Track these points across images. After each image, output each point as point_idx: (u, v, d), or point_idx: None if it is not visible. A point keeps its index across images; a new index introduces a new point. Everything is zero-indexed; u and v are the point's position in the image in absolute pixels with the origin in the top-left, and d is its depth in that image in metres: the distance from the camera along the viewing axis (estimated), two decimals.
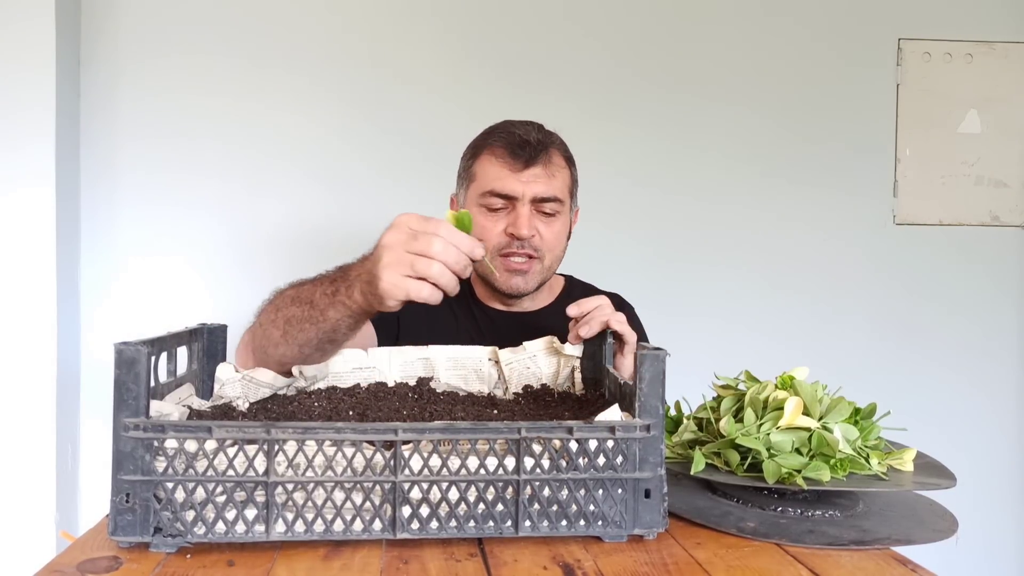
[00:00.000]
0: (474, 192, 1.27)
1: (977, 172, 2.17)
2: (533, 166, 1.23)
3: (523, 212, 1.23)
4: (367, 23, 2.01)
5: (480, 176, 1.27)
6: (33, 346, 1.79)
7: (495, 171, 1.24)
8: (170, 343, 0.83)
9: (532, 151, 1.23)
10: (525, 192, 1.23)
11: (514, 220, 1.23)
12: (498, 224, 1.25)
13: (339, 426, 0.68)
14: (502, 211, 1.25)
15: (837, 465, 0.80)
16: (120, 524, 0.67)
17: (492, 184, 1.24)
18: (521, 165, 1.23)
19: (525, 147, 1.23)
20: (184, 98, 1.96)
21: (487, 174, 1.25)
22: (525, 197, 1.23)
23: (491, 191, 1.24)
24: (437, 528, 0.70)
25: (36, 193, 1.79)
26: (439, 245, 0.78)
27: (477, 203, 1.26)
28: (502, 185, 1.23)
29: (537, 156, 1.23)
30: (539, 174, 1.23)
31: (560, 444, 0.71)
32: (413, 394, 0.95)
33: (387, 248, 0.80)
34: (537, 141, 1.24)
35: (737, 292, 2.12)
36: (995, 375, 2.20)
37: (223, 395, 0.90)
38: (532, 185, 1.23)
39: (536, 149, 1.23)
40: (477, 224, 1.25)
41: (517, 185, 1.23)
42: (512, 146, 1.23)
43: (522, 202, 1.23)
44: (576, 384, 1.02)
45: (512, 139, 1.24)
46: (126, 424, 0.67)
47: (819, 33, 2.13)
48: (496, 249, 1.25)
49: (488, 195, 1.24)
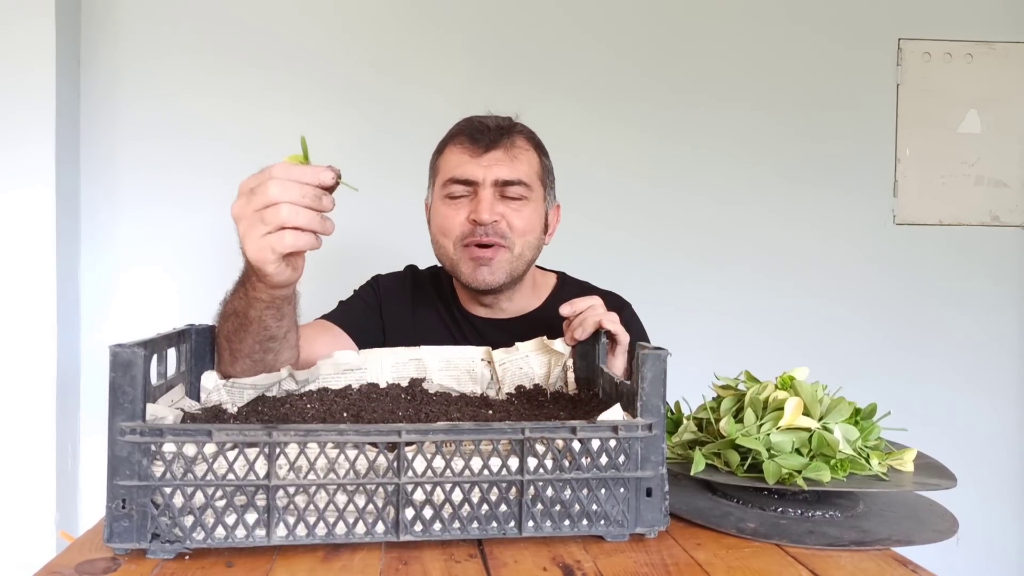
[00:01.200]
0: (438, 185, 1.24)
1: (977, 172, 2.17)
2: (494, 150, 1.19)
3: (484, 196, 1.18)
4: (367, 24, 2.01)
5: (442, 167, 1.24)
6: (33, 346, 1.79)
7: (455, 159, 1.21)
8: (161, 345, 0.82)
9: (492, 135, 1.20)
10: (486, 176, 1.18)
11: (475, 206, 1.19)
12: (460, 212, 1.20)
13: (342, 428, 0.68)
14: (464, 199, 1.21)
15: (837, 465, 0.80)
16: (116, 530, 0.66)
17: (452, 171, 1.20)
18: (481, 149, 1.19)
19: (484, 132, 1.20)
20: (184, 98, 1.96)
21: (448, 163, 1.22)
22: (486, 181, 1.18)
23: (452, 178, 1.20)
24: (440, 530, 0.70)
25: (36, 193, 1.79)
26: (275, 188, 0.76)
27: (441, 196, 1.23)
28: (462, 171, 1.19)
29: (498, 140, 1.20)
30: (500, 157, 1.20)
31: (563, 444, 0.71)
32: (406, 395, 0.94)
33: (236, 219, 0.79)
34: (497, 126, 1.21)
35: (737, 292, 2.12)
36: (995, 375, 2.20)
37: (210, 401, 0.89)
38: (493, 168, 1.19)
39: (496, 133, 1.20)
40: (439, 214, 1.22)
41: (477, 170, 1.19)
42: (472, 132, 1.21)
43: (483, 186, 1.18)
44: (569, 384, 1.02)
45: (471, 126, 1.22)
46: (122, 428, 0.66)
47: (819, 33, 2.13)
48: (460, 238, 1.20)
49: (449, 183, 1.21)
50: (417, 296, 1.35)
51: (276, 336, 0.94)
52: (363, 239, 2.01)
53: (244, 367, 0.95)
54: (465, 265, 1.21)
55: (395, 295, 1.34)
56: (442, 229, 1.22)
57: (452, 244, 1.21)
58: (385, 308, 1.32)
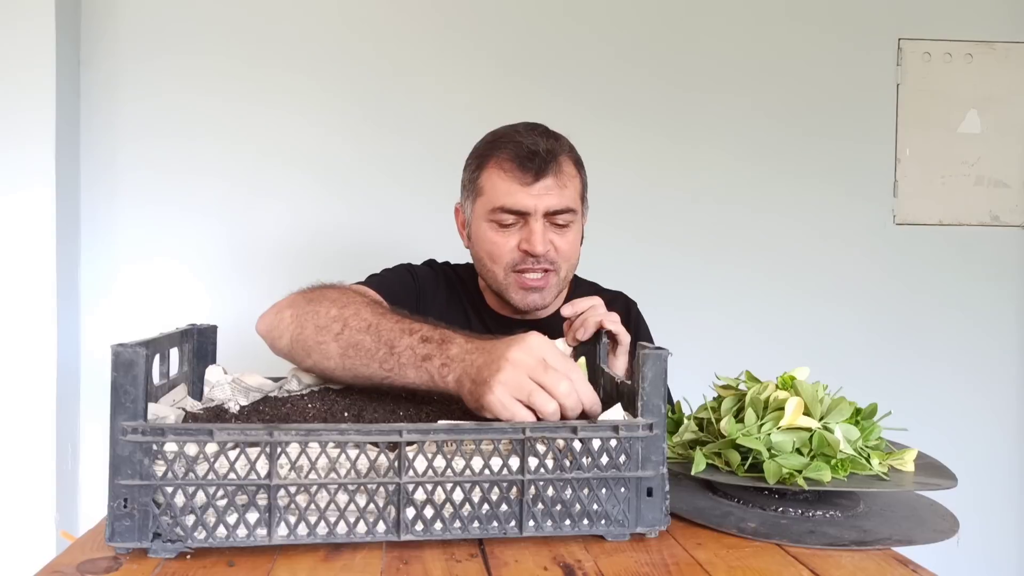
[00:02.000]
0: (482, 207, 1.22)
1: (977, 172, 2.18)
2: (544, 178, 1.17)
3: (536, 228, 1.17)
4: (368, 22, 2.01)
5: (488, 190, 1.21)
6: (33, 346, 1.79)
7: (504, 186, 1.18)
8: (163, 344, 0.82)
9: (541, 162, 1.17)
10: (537, 206, 1.17)
11: (528, 236, 1.18)
12: (510, 240, 1.20)
13: (343, 427, 0.68)
14: (513, 226, 1.20)
15: (838, 465, 0.80)
16: (118, 530, 0.66)
17: (502, 200, 1.18)
18: (531, 178, 1.17)
19: (534, 158, 1.17)
20: (184, 98, 1.96)
21: (496, 189, 1.19)
22: (537, 212, 1.17)
23: (501, 207, 1.18)
24: (441, 529, 0.70)
25: (36, 193, 1.79)
26: (566, 387, 0.75)
27: (486, 219, 1.21)
28: (513, 201, 1.17)
29: (547, 167, 1.17)
30: (550, 186, 1.18)
31: (564, 444, 0.71)
32: (407, 395, 0.94)
33: (512, 364, 0.76)
34: (546, 151, 1.18)
35: (737, 292, 2.12)
36: (995, 375, 2.20)
37: (212, 397, 0.89)
38: (544, 199, 1.17)
39: (545, 160, 1.17)
40: (487, 240, 1.21)
41: (528, 200, 1.17)
42: (520, 158, 1.17)
43: (534, 217, 1.18)
44: None
45: (520, 150, 1.18)
46: (124, 428, 0.66)
47: (819, 33, 2.14)
48: (510, 266, 1.21)
49: (498, 211, 1.19)
50: (449, 294, 1.36)
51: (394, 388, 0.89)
52: (364, 238, 2.01)
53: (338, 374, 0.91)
54: (515, 292, 1.22)
55: (430, 289, 1.34)
56: (491, 255, 1.22)
57: (502, 271, 1.22)
58: (421, 299, 1.31)
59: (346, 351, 0.89)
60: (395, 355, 0.86)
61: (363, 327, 0.89)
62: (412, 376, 0.84)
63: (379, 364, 0.86)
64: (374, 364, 0.87)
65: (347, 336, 0.89)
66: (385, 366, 0.86)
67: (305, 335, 0.94)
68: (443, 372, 0.82)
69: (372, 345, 0.87)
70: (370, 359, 0.87)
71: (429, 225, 1.99)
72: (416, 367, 0.84)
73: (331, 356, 0.90)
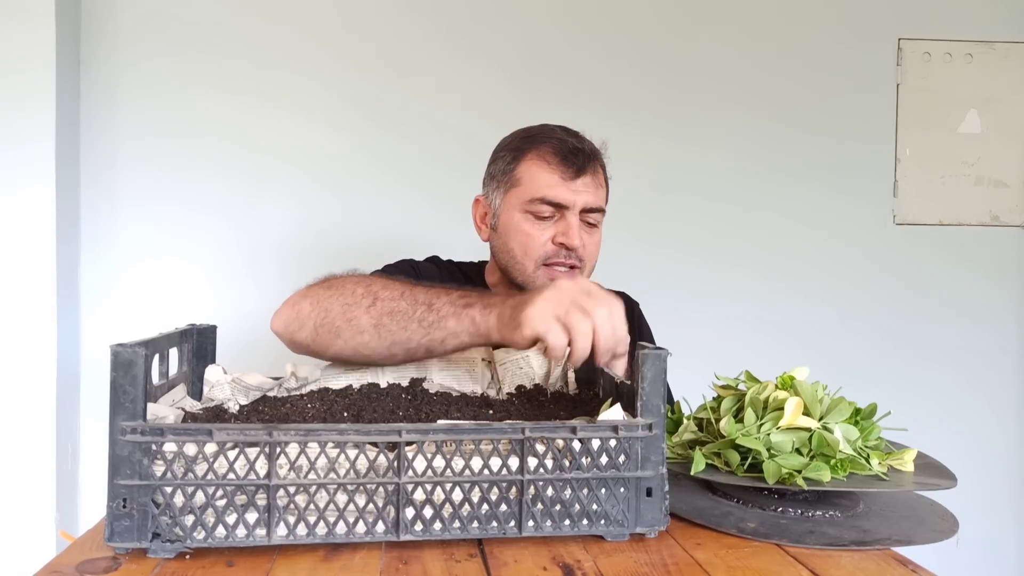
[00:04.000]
0: (518, 197, 1.23)
1: (977, 172, 2.18)
2: (583, 175, 1.20)
3: (573, 222, 1.20)
4: (369, 22, 2.01)
5: (527, 181, 1.22)
6: (33, 346, 1.79)
7: (546, 177, 1.20)
8: (162, 344, 0.82)
9: (584, 159, 1.21)
10: (576, 201, 1.20)
11: (565, 230, 1.20)
12: (545, 232, 1.21)
13: (342, 427, 0.68)
14: (549, 219, 1.22)
15: (837, 465, 0.80)
16: (117, 530, 0.66)
17: (543, 191, 1.20)
18: (573, 173, 1.20)
19: (578, 155, 1.20)
20: (184, 98, 1.96)
21: (536, 180, 1.21)
22: (576, 207, 1.20)
23: (541, 198, 1.20)
24: (440, 529, 0.70)
25: (36, 193, 1.79)
26: (604, 314, 0.79)
27: (523, 209, 1.22)
28: (554, 193, 1.19)
29: (587, 165, 1.21)
30: (589, 184, 1.21)
31: (563, 444, 0.71)
32: (407, 395, 0.94)
33: (557, 289, 0.82)
34: (589, 150, 1.23)
35: (737, 292, 2.12)
36: (995, 375, 2.20)
37: (212, 397, 0.89)
38: (583, 195, 1.20)
39: (588, 157, 1.21)
40: (521, 231, 1.23)
41: (569, 194, 1.20)
42: (564, 153, 1.20)
43: (572, 211, 1.20)
44: (569, 384, 1.02)
45: (564, 146, 1.21)
46: (123, 428, 0.66)
47: (819, 33, 2.13)
48: (542, 258, 1.22)
49: (537, 202, 1.20)
50: None
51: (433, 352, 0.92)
52: (363, 238, 2.01)
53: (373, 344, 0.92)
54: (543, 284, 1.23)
55: None
56: (524, 247, 1.23)
57: (533, 263, 1.22)
58: None
59: (380, 320, 0.91)
60: (434, 310, 0.89)
61: (395, 295, 0.92)
62: (453, 325, 0.88)
63: (418, 323, 0.89)
64: (412, 324, 0.90)
65: (380, 306, 0.92)
66: (424, 323, 0.89)
67: (331, 318, 0.95)
68: (485, 313, 0.87)
69: (408, 307, 0.91)
70: (407, 320, 0.90)
71: (429, 224, 1.99)
72: (457, 316, 0.88)
73: (364, 329, 0.92)
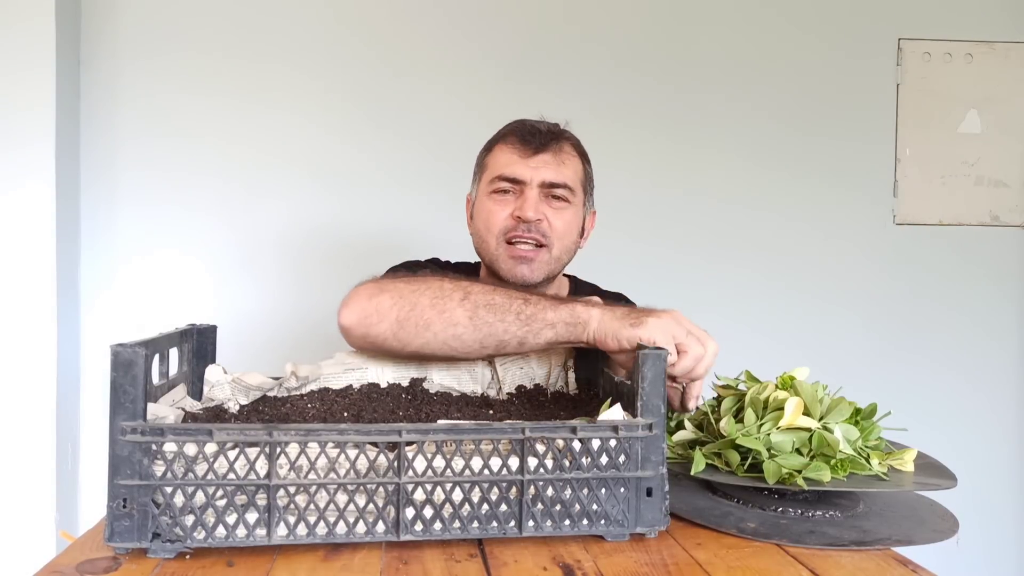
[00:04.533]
0: (484, 181, 1.28)
1: (977, 172, 2.18)
2: (543, 152, 1.24)
3: (530, 195, 1.22)
4: (368, 22, 2.01)
5: (491, 165, 1.28)
6: (33, 346, 1.79)
7: (505, 158, 1.25)
8: (162, 344, 0.82)
9: (543, 138, 1.24)
10: (533, 177, 1.23)
11: (521, 204, 1.23)
12: (506, 208, 1.24)
13: (342, 427, 0.68)
14: (509, 195, 1.25)
15: (837, 465, 0.80)
16: (117, 530, 0.66)
17: (501, 169, 1.25)
18: (531, 151, 1.24)
19: (536, 135, 1.25)
20: (184, 98, 1.96)
21: (497, 161, 1.26)
22: (533, 181, 1.23)
23: (500, 175, 1.24)
24: (441, 529, 0.70)
25: (36, 192, 1.79)
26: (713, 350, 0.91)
27: (487, 191, 1.27)
28: (511, 170, 1.23)
29: (547, 144, 1.24)
30: (548, 160, 1.24)
31: (563, 444, 0.71)
32: (407, 395, 0.94)
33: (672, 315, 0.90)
34: (548, 130, 1.26)
35: (737, 292, 2.12)
36: (995, 375, 2.20)
37: (212, 397, 0.89)
38: (541, 170, 1.23)
39: (547, 137, 1.25)
40: (484, 209, 1.26)
41: (525, 170, 1.23)
42: (523, 134, 1.25)
43: (530, 186, 1.23)
44: (569, 384, 1.02)
45: (523, 128, 1.26)
46: (123, 428, 0.66)
47: (819, 33, 2.13)
48: (502, 232, 1.24)
49: (497, 180, 1.25)
50: None
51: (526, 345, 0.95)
52: (363, 238, 2.01)
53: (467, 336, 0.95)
54: (505, 261, 1.24)
55: None
56: (486, 224, 1.26)
57: (495, 239, 1.25)
58: None
59: (476, 312, 0.94)
60: (531, 303, 0.94)
61: (488, 290, 0.97)
62: (551, 316, 0.93)
63: (515, 315, 0.93)
64: (510, 316, 0.93)
65: (474, 299, 0.95)
66: (522, 315, 0.93)
67: (419, 311, 0.96)
68: (587, 306, 0.92)
69: (504, 300, 0.95)
70: (505, 312, 0.94)
71: (428, 224, 1.99)
72: (555, 309, 0.93)
73: (458, 322, 0.95)
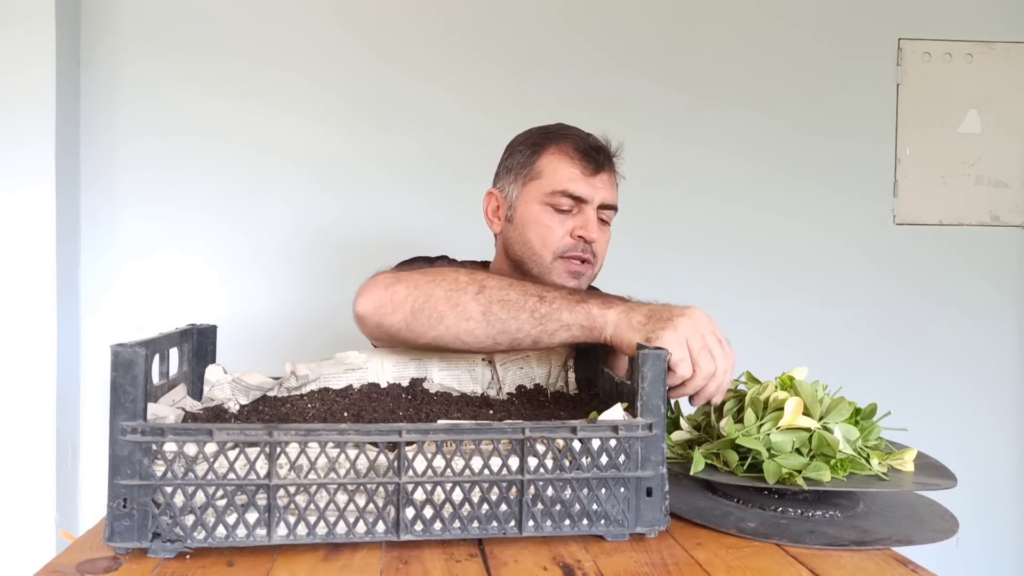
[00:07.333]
0: (538, 189, 1.25)
1: (977, 172, 2.18)
2: (603, 172, 1.23)
3: (592, 216, 1.22)
4: (369, 22, 2.01)
5: (549, 174, 1.24)
6: (33, 346, 1.79)
7: (568, 171, 1.23)
8: (163, 344, 0.82)
9: (604, 156, 1.24)
10: (595, 197, 1.22)
11: (584, 223, 1.22)
12: (565, 225, 1.23)
13: (342, 427, 0.68)
14: (568, 213, 1.23)
15: (837, 465, 0.80)
16: (117, 530, 0.66)
17: (565, 184, 1.22)
18: (593, 169, 1.22)
19: (599, 152, 1.24)
20: (184, 98, 1.96)
21: (558, 173, 1.23)
22: (594, 201, 1.22)
23: (563, 191, 1.22)
24: (441, 529, 0.70)
25: (36, 192, 1.79)
26: (725, 366, 0.85)
27: (543, 201, 1.24)
28: (576, 187, 1.22)
29: (606, 162, 1.24)
30: (607, 181, 1.24)
31: (563, 444, 0.71)
32: (407, 395, 0.94)
33: (697, 319, 0.86)
34: (606, 148, 1.26)
35: (737, 292, 2.12)
36: (995, 375, 2.20)
37: (212, 397, 0.89)
38: (601, 191, 1.23)
39: (605, 156, 1.25)
40: (540, 223, 1.24)
41: (589, 189, 1.22)
42: (586, 148, 1.23)
43: (591, 206, 1.22)
44: (569, 384, 1.02)
45: (585, 143, 1.25)
46: (123, 428, 0.66)
47: (819, 34, 2.13)
48: (560, 251, 1.23)
49: (558, 195, 1.22)
50: None
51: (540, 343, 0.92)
52: (363, 238, 2.01)
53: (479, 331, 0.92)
54: (560, 276, 1.24)
55: None
56: (543, 239, 1.24)
57: (551, 255, 1.24)
58: None
59: (489, 307, 0.92)
60: (546, 302, 0.90)
61: (504, 285, 0.93)
62: (567, 318, 0.89)
63: (529, 313, 0.90)
64: (523, 314, 0.91)
65: (489, 293, 0.93)
66: (537, 313, 0.90)
67: (433, 302, 0.95)
68: (603, 308, 0.89)
69: (519, 297, 0.92)
70: (519, 309, 0.91)
71: (430, 223, 1.99)
72: (571, 309, 0.89)
73: (471, 316, 0.92)
